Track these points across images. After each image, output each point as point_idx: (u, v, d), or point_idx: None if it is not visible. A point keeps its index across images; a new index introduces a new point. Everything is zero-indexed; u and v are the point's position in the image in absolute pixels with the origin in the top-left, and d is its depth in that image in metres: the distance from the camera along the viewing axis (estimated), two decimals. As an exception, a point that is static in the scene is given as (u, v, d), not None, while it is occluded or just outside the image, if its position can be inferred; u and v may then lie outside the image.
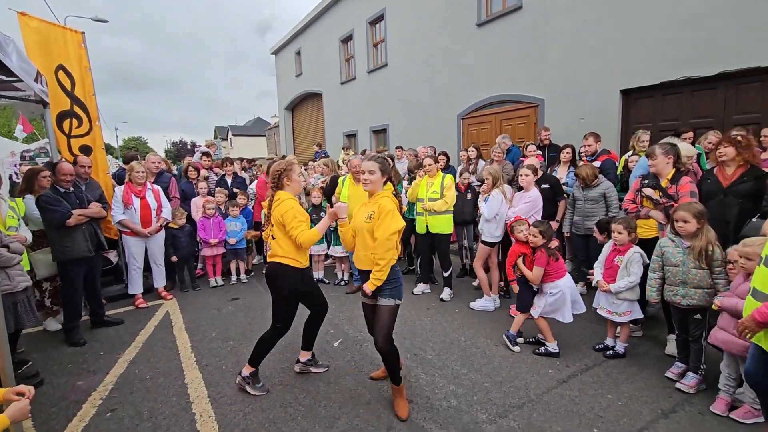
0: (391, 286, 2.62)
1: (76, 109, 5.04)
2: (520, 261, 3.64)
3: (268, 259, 3.00)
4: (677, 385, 2.92)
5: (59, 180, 3.86)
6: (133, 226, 4.69)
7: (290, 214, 2.80)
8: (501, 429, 2.55)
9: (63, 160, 4.45)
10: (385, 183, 2.75)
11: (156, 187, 5.07)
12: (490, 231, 4.46)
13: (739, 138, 3.37)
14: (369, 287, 2.59)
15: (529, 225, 3.65)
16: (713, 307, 2.68)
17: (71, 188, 3.97)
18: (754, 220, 2.99)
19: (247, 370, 3.02)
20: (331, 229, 5.46)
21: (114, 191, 4.80)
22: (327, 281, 5.62)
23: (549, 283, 3.51)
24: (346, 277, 5.61)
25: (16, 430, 2.13)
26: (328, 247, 5.62)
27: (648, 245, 3.37)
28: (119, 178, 5.55)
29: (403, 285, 2.77)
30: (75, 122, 5.04)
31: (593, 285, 3.59)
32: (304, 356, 3.30)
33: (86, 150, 5.04)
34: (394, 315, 2.68)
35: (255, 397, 2.96)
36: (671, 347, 3.37)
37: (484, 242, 4.53)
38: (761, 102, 5.00)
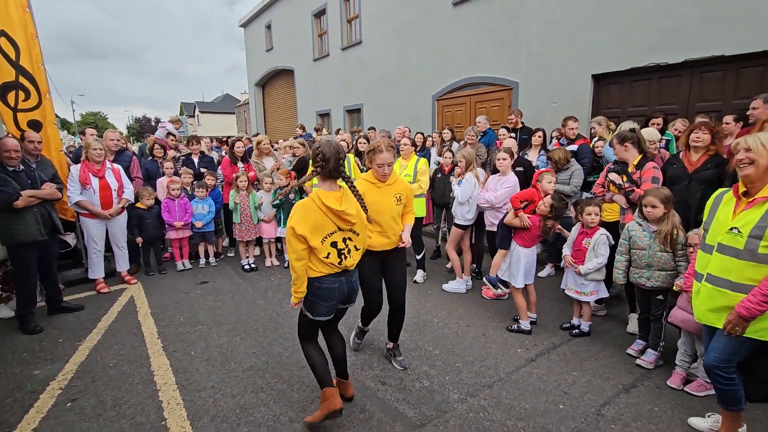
0: None
1: (23, 80, 4.62)
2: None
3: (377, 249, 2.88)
4: (637, 361, 3.07)
5: (3, 158, 3.55)
6: (91, 208, 4.41)
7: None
8: (472, 408, 2.61)
9: (8, 135, 4.09)
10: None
11: (116, 166, 4.77)
12: (462, 214, 4.47)
13: (718, 129, 3.45)
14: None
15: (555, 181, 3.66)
16: (674, 288, 2.81)
17: (21, 167, 3.68)
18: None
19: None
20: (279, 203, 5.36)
21: (70, 170, 4.48)
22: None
23: (521, 248, 3.58)
24: None
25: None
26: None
27: (609, 228, 3.50)
28: (78, 157, 5.20)
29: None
30: (21, 94, 4.62)
31: (561, 266, 3.68)
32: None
33: (36, 125, 4.65)
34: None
35: (225, 382, 2.90)
36: (633, 326, 3.53)
37: (456, 225, 4.56)
38: (722, 91, 5.19)
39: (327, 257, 2.24)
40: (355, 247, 2.37)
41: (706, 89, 5.34)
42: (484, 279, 3.77)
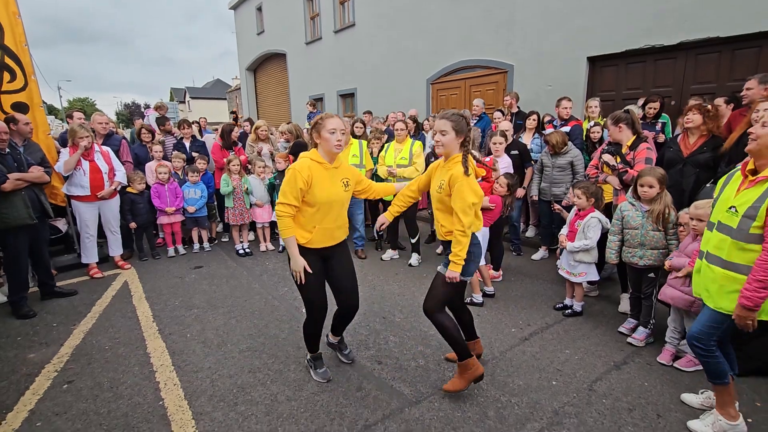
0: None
1: (8, 60, 4.50)
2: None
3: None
4: (628, 339, 3.13)
5: (-9, 140, 3.48)
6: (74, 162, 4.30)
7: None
8: (467, 385, 2.65)
9: (-5, 117, 4.01)
10: (462, 145, 2.33)
11: (105, 148, 4.69)
12: None
13: (708, 107, 3.45)
14: (452, 270, 2.27)
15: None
16: (665, 267, 2.85)
17: (7, 150, 3.60)
18: (708, 185, 3.15)
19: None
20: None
21: (60, 152, 4.39)
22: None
23: (483, 228, 3.63)
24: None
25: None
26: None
27: (603, 210, 3.52)
28: (63, 140, 5.10)
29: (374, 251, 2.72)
30: (7, 75, 4.51)
31: (554, 248, 3.72)
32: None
33: (22, 108, 4.55)
34: (453, 287, 2.40)
35: (222, 363, 2.92)
36: (624, 305, 3.58)
37: None
38: (717, 73, 5.19)
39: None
40: None
41: (701, 71, 5.34)
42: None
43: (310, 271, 2.38)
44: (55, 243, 4.94)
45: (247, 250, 5.42)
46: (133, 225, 5.11)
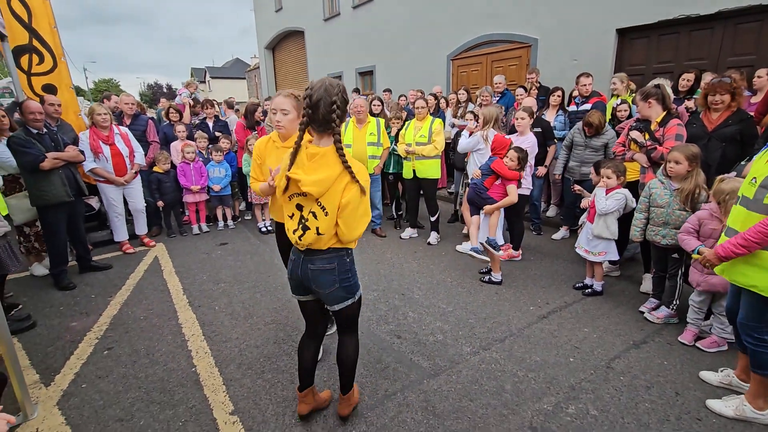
0: None
1: (36, 43, 4.64)
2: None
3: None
4: (645, 315, 3.12)
5: (28, 120, 3.63)
6: (106, 175, 4.44)
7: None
8: (484, 360, 2.72)
9: (29, 98, 4.16)
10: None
11: (123, 129, 4.70)
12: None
13: (734, 84, 3.28)
14: None
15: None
16: (694, 256, 2.75)
17: (44, 130, 3.76)
18: (743, 163, 3.02)
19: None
20: None
21: (79, 137, 4.38)
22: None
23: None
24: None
25: (14, 368, 2.16)
26: None
27: (629, 188, 3.43)
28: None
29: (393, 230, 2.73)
30: (36, 58, 4.66)
31: (576, 228, 3.67)
32: None
33: (51, 89, 4.71)
34: None
35: (249, 334, 3.06)
36: (646, 285, 3.55)
37: (468, 185, 4.56)
38: (757, 43, 4.90)
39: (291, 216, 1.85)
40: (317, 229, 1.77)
41: (739, 42, 5.05)
42: (482, 244, 3.76)
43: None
44: (88, 220, 5.18)
45: (270, 228, 5.56)
46: (160, 203, 5.30)
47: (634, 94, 4.61)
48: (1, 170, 3.75)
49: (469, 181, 4.38)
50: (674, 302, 3.05)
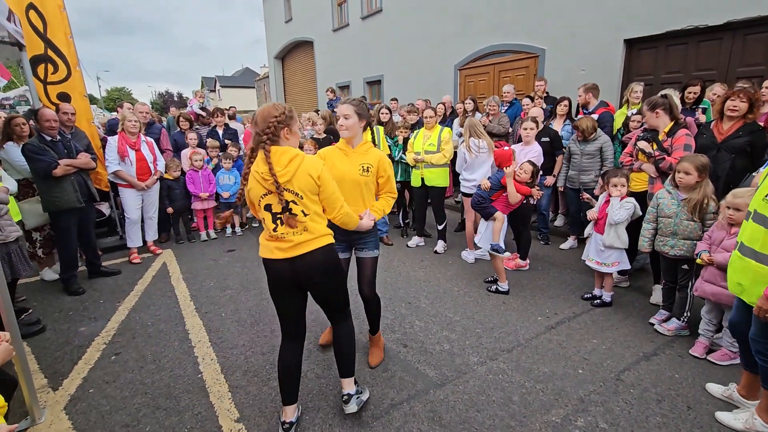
0: (374, 238, 2.61)
1: (51, 53, 4.74)
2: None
3: (304, 245, 2.12)
4: (656, 327, 3.07)
5: (43, 127, 3.71)
6: (129, 178, 4.59)
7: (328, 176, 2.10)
8: (491, 370, 2.69)
9: (45, 106, 4.26)
10: (364, 129, 2.53)
11: (149, 138, 4.95)
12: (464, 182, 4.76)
13: (757, 97, 3.25)
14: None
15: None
16: (698, 261, 2.73)
17: (58, 137, 3.84)
18: (754, 174, 2.99)
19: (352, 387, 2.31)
20: None
21: (107, 141, 4.63)
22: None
23: (504, 215, 3.80)
24: None
25: (24, 372, 2.18)
26: None
27: (637, 199, 3.40)
28: (111, 127, 5.37)
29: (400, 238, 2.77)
30: (51, 68, 4.77)
31: (583, 238, 3.65)
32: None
33: (65, 98, 4.80)
34: (376, 265, 2.68)
35: (255, 341, 3.06)
36: (656, 297, 3.50)
37: (463, 193, 4.82)
38: (766, 54, 4.87)
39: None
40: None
41: (749, 53, 5.02)
42: (489, 250, 3.77)
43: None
44: (98, 225, 5.24)
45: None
46: (170, 210, 5.36)
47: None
48: (17, 174, 3.83)
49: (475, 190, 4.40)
50: (685, 314, 3.00)
